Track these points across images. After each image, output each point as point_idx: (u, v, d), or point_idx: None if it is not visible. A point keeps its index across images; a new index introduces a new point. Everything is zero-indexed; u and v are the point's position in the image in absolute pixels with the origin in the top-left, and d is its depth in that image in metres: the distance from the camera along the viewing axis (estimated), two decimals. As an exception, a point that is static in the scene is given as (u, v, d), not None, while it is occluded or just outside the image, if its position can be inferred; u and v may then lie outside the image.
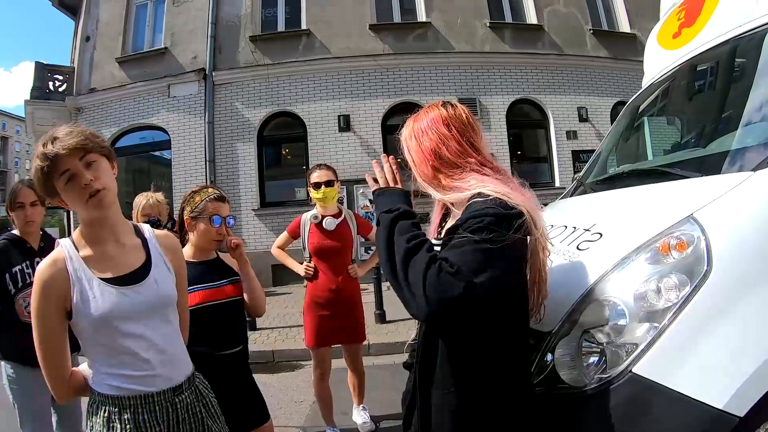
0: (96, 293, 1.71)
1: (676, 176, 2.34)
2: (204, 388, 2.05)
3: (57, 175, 1.70)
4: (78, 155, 1.71)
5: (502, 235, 1.47)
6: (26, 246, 3.44)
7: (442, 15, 13.23)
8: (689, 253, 1.72)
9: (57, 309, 1.70)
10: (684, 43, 3.02)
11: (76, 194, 1.71)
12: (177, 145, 13.10)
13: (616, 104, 13.25)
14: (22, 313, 3.28)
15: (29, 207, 3.38)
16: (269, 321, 8.57)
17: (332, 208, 4.35)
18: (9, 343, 3.28)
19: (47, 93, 14.14)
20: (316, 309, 4.26)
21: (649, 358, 1.64)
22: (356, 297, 4.42)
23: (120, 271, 1.80)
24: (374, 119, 12.75)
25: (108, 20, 14.28)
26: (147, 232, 1.99)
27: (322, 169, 4.28)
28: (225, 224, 2.84)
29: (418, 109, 1.87)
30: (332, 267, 4.29)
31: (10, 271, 3.31)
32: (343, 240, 4.32)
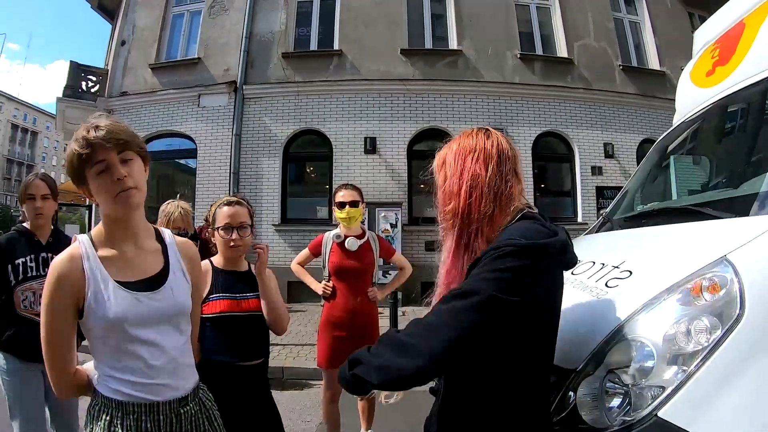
0: (110, 296, 1.69)
1: (707, 216, 2.29)
2: (208, 400, 2.01)
3: (92, 163, 1.69)
4: (117, 149, 1.71)
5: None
6: (34, 239, 3.44)
7: (473, 43, 13.30)
8: (722, 295, 1.66)
9: (68, 305, 1.67)
10: (718, 81, 2.98)
11: (106, 187, 1.70)
12: (203, 155, 13.22)
13: (642, 142, 13.15)
14: (18, 306, 3.30)
15: (40, 199, 3.39)
16: (281, 338, 8.46)
17: (356, 228, 4.31)
18: (4, 335, 3.28)
19: (79, 92, 14.40)
20: (332, 329, 4.20)
21: (676, 403, 1.57)
22: (373, 320, 4.33)
23: (136, 275, 1.78)
24: (400, 143, 12.78)
25: (144, 26, 14.55)
26: (168, 237, 1.98)
27: (348, 189, 4.27)
28: (236, 232, 2.83)
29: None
30: (351, 288, 4.22)
31: (13, 262, 3.32)
32: (364, 262, 4.26)
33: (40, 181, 3.44)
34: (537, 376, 1.65)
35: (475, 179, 1.68)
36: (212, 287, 2.76)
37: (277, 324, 2.89)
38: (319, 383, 6.26)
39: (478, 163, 1.70)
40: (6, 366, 3.31)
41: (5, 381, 3.33)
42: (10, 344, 3.28)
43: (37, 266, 3.37)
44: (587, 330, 1.91)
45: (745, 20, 2.87)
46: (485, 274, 1.47)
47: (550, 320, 1.66)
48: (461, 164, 1.72)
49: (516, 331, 1.53)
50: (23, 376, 3.29)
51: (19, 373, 3.29)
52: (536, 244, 1.50)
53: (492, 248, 1.53)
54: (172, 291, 1.83)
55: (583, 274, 2.35)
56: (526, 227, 1.61)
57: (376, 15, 13.38)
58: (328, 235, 4.36)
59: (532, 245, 1.49)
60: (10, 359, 3.30)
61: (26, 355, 3.23)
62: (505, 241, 1.52)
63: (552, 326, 1.68)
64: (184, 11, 14.67)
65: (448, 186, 1.74)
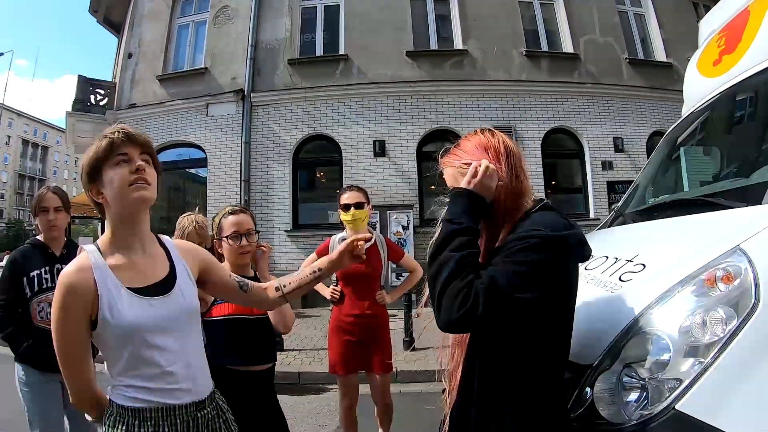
0: (124, 303, 1.68)
1: (719, 206, 2.28)
2: (224, 404, 2.01)
3: (114, 155, 1.73)
4: (140, 149, 1.77)
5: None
6: (48, 251, 3.48)
7: (478, 43, 13.29)
8: (736, 285, 1.66)
9: (81, 316, 1.66)
10: (725, 70, 2.97)
11: (122, 174, 1.71)
12: (213, 164, 13.28)
13: (652, 134, 13.09)
14: (35, 318, 3.35)
15: (53, 211, 3.43)
16: (296, 342, 8.57)
17: (362, 232, 4.10)
18: (22, 346, 3.32)
19: (88, 106, 14.54)
20: (341, 334, 4.13)
21: (693, 395, 1.57)
22: (383, 324, 4.25)
23: (147, 281, 1.78)
24: (409, 145, 12.78)
25: (150, 38, 14.69)
26: (168, 241, 1.98)
27: (353, 190, 4.21)
28: (247, 239, 2.88)
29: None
30: (358, 292, 4.15)
31: (28, 274, 3.37)
32: (371, 265, 4.13)
33: (52, 194, 3.48)
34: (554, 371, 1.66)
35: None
36: None
37: (283, 323, 2.90)
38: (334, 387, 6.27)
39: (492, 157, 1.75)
40: (25, 377, 3.34)
41: (24, 392, 3.36)
42: (28, 355, 3.31)
43: (52, 278, 3.41)
44: (602, 325, 1.91)
45: (749, 8, 2.86)
46: (514, 266, 1.52)
47: (565, 313, 1.67)
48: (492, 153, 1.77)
49: (532, 323, 1.56)
50: (42, 386, 3.33)
51: (37, 384, 3.33)
52: (558, 236, 1.54)
53: (516, 238, 1.57)
54: (182, 293, 1.83)
55: (596, 269, 2.35)
56: (549, 217, 1.64)
57: (381, 18, 13.40)
58: (335, 238, 4.28)
59: (555, 237, 1.53)
60: (29, 370, 3.33)
61: (44, 365, 3.25)
62: (530, 232, 1.56)
63: (567, 319, 1.69)
64: (189, 22, 14.77)
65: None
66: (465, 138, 1.87)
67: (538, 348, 1.62)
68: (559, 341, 1.67)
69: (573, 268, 1.64)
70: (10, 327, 3.35)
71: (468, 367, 1.75)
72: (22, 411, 3.40)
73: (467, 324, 1.54)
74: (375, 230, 4.47)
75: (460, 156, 1.81)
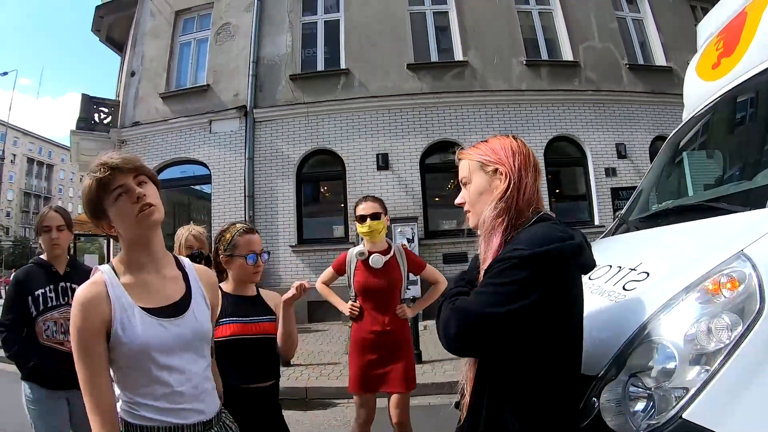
0: (137, 322, 1.69)
1: (721, 211, 2.26)
2: (231, 422, 2.02)
3: (110, 190, 1.72)
4: (132, 174, 1.76)
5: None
6: (52, 270, 3.50)
7: (478, 54, 13.34)
8: (741, 291, 1.64)
9: (99, 331, 1.65)
10: (724, 73, 2.96)
11: (126, 208, 1.72)
12: (217, 180, 13.33)
13: (654, 139, 13.06)
14: (41, 336, 3.37)
15: (55, 230, 3.46)
16: (303, 358, 8.53)
17: (380, 243, 4.09)
18: (29, 365, 3.34)
19: (92, 124, 14.63)
20: (361, 352, 3.95)
21: (701, 403, 1.55)
22: (405, 340, 4.07)
23: (160, 302, 1.79)
24: (412, 158, 12.80)
25: (153, 56, 14.79)
26: (187, 264, 2.00)
27: (368, 201, 4.07)
28: (260, 259, 2.91)
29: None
30: (379, 307, 3.97)
31: (33, 293, 3.38)
32: (391, 279, 4.00)
33: (54, 213, 3.52)
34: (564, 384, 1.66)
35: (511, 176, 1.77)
36: (222, 311, 2.78)
37: (289, 350, 2.94)
38: (342, 401, 6.26)
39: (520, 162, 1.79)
40: (31, 395, 3.36)
41: (31, 410, 3.37)
42: (35, 374, 3.33)
43: (56, 296, 3.44)
44: (607, 335, 1.90)
45: (746, 9, 2.86)
46: (488, 287, 1.60)
47: (567, 326, 1.67)
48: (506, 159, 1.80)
49: (528, 339, 1.58)
50: (48, 404, 3.35)
51: (44, 402, 3.35)
52: (539, 252, 1.54)
53: (497, 260, 1.62)
54: (195, 316, 1.84)
55: (600, 278, 2.34)
56: (537, 231, 1.65)
57: (381, 31, 13.48)
58: (352, 252, 4.12)
59: (534, 254, 1.54)
60: (35, 388, 3.35)
61: (50, 383, 3.31)
62: (510, 253, 1.59)
63: (574, 333, 1.69)
64: (191, 39, 14.91)
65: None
66: (494, 138, 1.89)
67: (542, 364, 1.62)
68: (564, 355, 1.66)
69: (568, 279, 1.63)
70: (16, 346, 3.37)
71: (478, 384, 1.74)
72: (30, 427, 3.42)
73: (452, 346, 1.64)
74: (393, 241, 4.33)
75: (483, 152, 1.84)
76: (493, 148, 1.83)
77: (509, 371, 1.64)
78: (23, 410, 3.42)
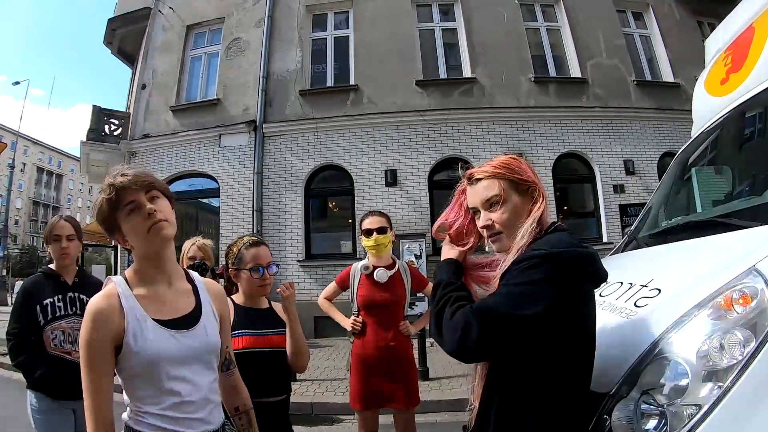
0: (150, 334, 1.71)
1: (732, 226, 2.26)
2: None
3: (122, 206, 1.75)
4: (144, 190, 1.78)
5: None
6: (60, 280, 3.49)
7: (486, 71, 13.39)
8: (753, 306, 1.63)
9: (107, 345, 1.67)
10: (732, 88, 2.96)
11: (138, 223, 1.75)
12: (225, 194, 13.39)
13: (662, 155, 13.01)
14: (49, 345, 3.36)
15: (65, 240, 3.45)
16: (309, 373, 8.44)
17: (385, 258, 4.06)
18: (35, 374, 3.32)
19: (102, 136, 14.71)
20: (364, 368, 3.89)
21: (714, 421, 1.53)
22: (408, 356, 4.02)
23: (172, 314, 1.81)
24: (421, 174, 12.81)
25: (164, 70, 14.95)
26: (197, 278, 2.02)
27: (375, 215, 4.05)
28: (267, 272, 2.89)
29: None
30: (382, 322, 3.92)
31: (41, 303, 3.37)
32: (395, 294, 3.97)
33: (65, 222, 3.52)
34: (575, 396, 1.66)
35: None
36: (234, 324, 2.76)
37: (299, 361, 2.90)
38: (348, 417, 6.22)
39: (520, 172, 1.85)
40: (37, 405, 3.35)
41: (37, 419, 3.36)
42: (42, 383, 3.32)
43: (65, 306, 3.43)
44: (619, 352, 1.89)
45: (754, 24, 2.87)
46: (510, 288, 1.59)
47: (584, 337, 1.68)
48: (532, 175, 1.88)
49: (542, 345, 1.58)
50: (54, 414, 3.34)
51: (50, 412, 3.33)
52: (558, 251, 1.57)
53: (519, 259, 1.63)
54: (205, 329, 1.86)
55: (611, 295, 2.34)
56: (557, 238, 1.68)
57: (390, 48, 13.57)
58: (356, 266, 4.10)
59: (554, 253, 1.57)
60: (42, 398, 3.34)
61: (57, 393, 3.30)
62: (529, 253, 1.61)
63: (587, 344, 1.69)
64: (202, 54, 15.06)
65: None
66: (504, 156, 1.93)
67: (554, 374, 1.62)
68: (577, 366, 1.66)
69: (583, 287, 1.64)
70: (23, 355, 3.36)
71: (487, 395, 1.74)
72: None
73: (469, 351, 1.61)
74: (401, 257, 4.28)
75: (513, 171, 1.86)
76: (519, 166, 1.86)
77: (521, 381, 1.64)
78: (28, 420, 3.40)
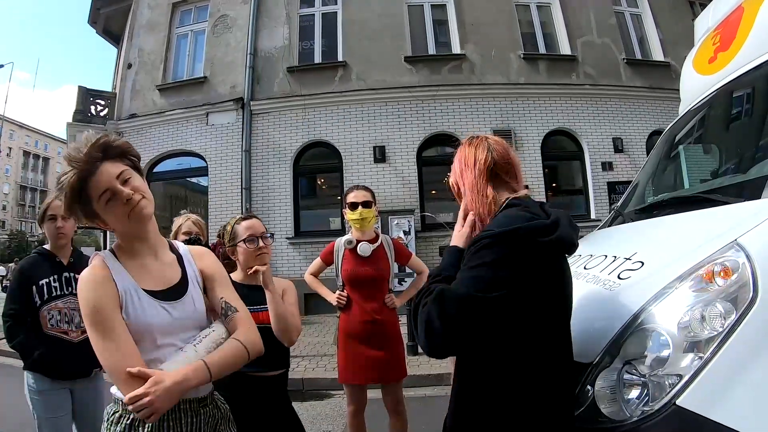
0: (143, 304, 1.72)
1: (716, 202, 2.28)
2: (222, 403, 2.05)
3: (96, 197, 1.73)
4: (117, 174, 1.75)
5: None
6: (56, 260, 3.49)
7: (476, 47, 13.33)
8: (734, 280, 1.66)
9: (114, 302, 1.67)
10: (720, 67, 2.98)
11: (118, 210, 1.74)
12: (214, 172, 13.33)
13: (651, 134, 13.10)
14: (45, 326, 3.35)
15: (60, 219, 3.43)
16: (300, 349, 8.56)
17: (369, 233, 4.08)
18: (32, 355, 3.32)
19: (89, 117, 14.59)
20: (351, 342, 3.92)
21: (694, 390, 1.56)
22: (394, 329, 4.02)
23: (160, 285, 1.82)
24: (409, 150, 12.80)
25: (150, 49, 14.77)
26: (181, 248, 2.02)
27: (360, 189, 4.05)
28: (263, 240, 2.89)
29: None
30: (367, 296, 3.94)
31: (37, 283, 3.36)
32: (379, 268, 3.99)
33: (59, 201, 3.48)
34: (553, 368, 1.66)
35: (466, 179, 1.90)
36: None
37: (283, 334, 2.81)
38: (338, 392, 6.27)
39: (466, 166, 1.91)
40: (35, 386, 3.35)
41: (34, 400, 3.36)
42: (39, 364, 3.31)
43: (60, 286, 3.42)
44: (602, 323, 1.92)
45: (743, 4, 2.87)
46: (464, 272, 1.61)
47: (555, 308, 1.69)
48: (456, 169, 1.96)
49: (516, 322, 1.58)
50: (52, 394, 3.34)
51: (48, 393, 3.33)
52: (508, 230, 1.57)
53: (470, 243, 1.67)
54: (193, 300, 1.87)
55: (595, 267, 2.36)
56: (505, 215, 1.70)
57: (379, 25, 13.46)
58: (340, 241, 4.11)
59: (504, 232, 1.57)
60: (39, 378, 3.34)
61: (54, 373, 3.31)
62: (480, 234, 1.64)
63: (560, 314, 1.70)
64: (188, 32, 14.86)
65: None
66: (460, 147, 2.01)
67: (528, 347, 1.62)
68: (550, 338, 1.67)
69: (543, 260, 1.62)
70: (21, 335, 3.35)
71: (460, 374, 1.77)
72: (30, 421, 3.41)
73: (435, 346, 1.59)
74: (389, 233, 4.31)
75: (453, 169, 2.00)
76: (460, 156, 1.96)
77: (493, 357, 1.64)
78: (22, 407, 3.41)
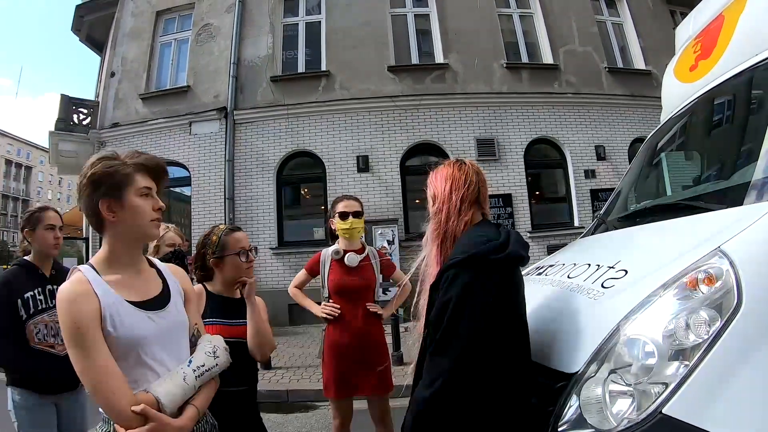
0: (127, 316, 1.70)
1: (699, 209, 2.30)
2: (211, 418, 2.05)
3: (138, 185, 1.79)
4: (158, 184, 1.89)
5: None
6: (38, 272, 3.42)
7: (459, 57, 13.39)
8: (718, 287, 1.65)
9: (95, 319, 1.62)
10: (701, 75, 3.01)
11: (147, 211, 1.80)
12: (197, 182, 13.23)
13: (633, 141, 13.23)
14: (32, 340, 3.27)
15: (58, 230, 3.42)
16: (284, 361, 8.52)
17: (356, 243, 4.05)
18: (18, 370, 3.27)
19: (71, 125, 14.49)
20: (337, 355, 3.84)
21: (680, 398, 1.55)
22: (380, 340, 3.98)
23: (143, 296, 1.81)
24: (393, 160, 12.80)
25: (133, 57, 14.66)
26: (157, 262, 2.03)
27: (350, 199, 4.05)
28: (251, 254, 2.88)
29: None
30: (353, 308, 3.87)
31: (22, 297, 3.29)
32: (365, 279, 3.95)
33: (55, 213, 3.49)
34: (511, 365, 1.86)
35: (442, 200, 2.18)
36: (205, 311, 2.73)
37: (259, 349, 2.76)
38: (324, 404, 6.23)
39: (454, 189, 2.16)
40: (21, 401, 3.27)
41: (20, 415, 3.28)
42: (24, 379, 3.25)
43: (45, 299, 3.35)
44: (586, 332, 1.92)
45: (724, 13, 2.91)
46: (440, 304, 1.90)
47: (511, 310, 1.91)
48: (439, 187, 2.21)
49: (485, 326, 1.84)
50: (36, 409, 3.27)
51: (33, 408, 3.27)
52: (463, 258, 1.87)
53: (440, 272, 1.96)
54: (176, 309, 1.89)
55: (579, 276, 2.36)
56: (468, 236, 2.02)
57: (362, 34, 13.48)
58: (326, 252, 4.04)
59: (461, 260, 1.86)
60: (25, 394, 3.26)
61: (42, 388, 3.25)
62: (446, 264, 1.92)
63: (515, 315, 1.93)
64: (172, 40, 14.79)
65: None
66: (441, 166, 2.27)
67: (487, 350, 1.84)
68: (507, 340, 1.87)
69: (498, 274, 1.88)
70: (8, 351, 3.28)
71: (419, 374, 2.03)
72: None
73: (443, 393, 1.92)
74: (373, 243, 4.32)
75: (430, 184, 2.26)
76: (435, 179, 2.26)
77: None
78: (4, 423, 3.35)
